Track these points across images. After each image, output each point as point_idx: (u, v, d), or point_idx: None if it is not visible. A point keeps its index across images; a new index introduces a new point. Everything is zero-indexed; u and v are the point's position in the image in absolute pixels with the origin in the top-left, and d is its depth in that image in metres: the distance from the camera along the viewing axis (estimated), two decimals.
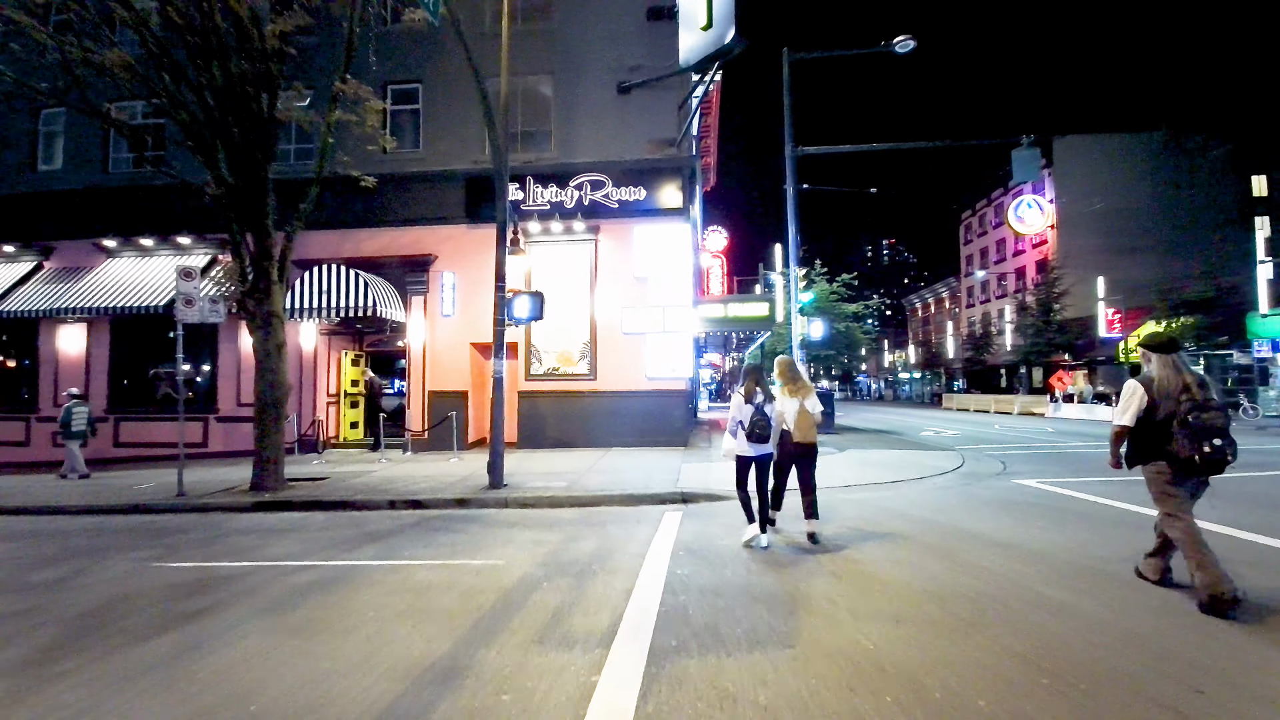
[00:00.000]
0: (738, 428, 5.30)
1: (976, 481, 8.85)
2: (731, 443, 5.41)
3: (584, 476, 9.25)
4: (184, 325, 8.90)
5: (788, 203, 13.74)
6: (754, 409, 5.18)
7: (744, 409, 5.22)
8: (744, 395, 5.25)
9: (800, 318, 13.58)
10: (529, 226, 12.65)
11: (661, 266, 12.56)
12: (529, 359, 12.85)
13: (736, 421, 5.30)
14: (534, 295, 8.86)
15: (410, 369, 13.18)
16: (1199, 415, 3.47)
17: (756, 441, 5.22)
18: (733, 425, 5.36)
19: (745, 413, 5.21)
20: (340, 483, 9.49)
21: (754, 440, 5.21)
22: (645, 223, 12.65)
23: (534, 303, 8.82)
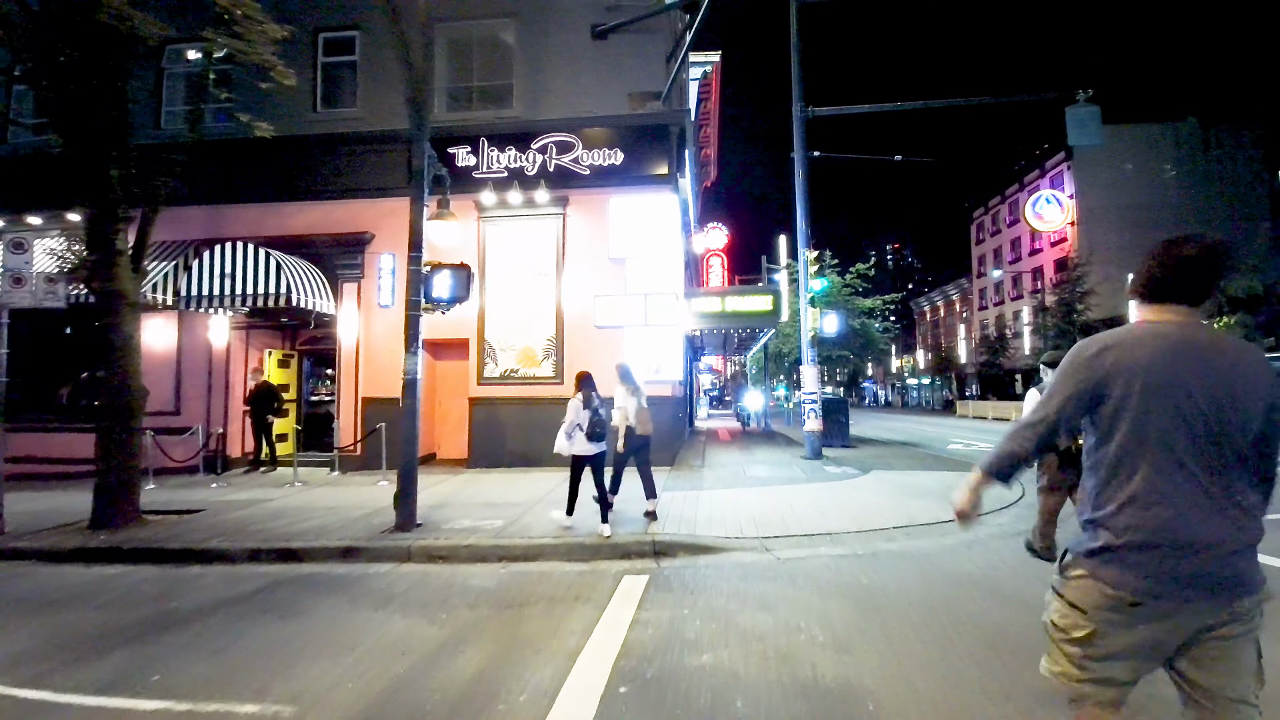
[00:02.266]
0: (575, 430, 5.89)
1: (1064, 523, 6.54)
2: (565, 444, 5.99)
3: (532, 510, 6.97)
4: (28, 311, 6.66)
5: (796, 173, 11.52)
6: (592, 412, 5.90)
7: (583, 413, 5.90)
8: (582, 401, 5.94)
9: (812, 310, 11.30)
10: (482, 198, 10.41)
11: (643, 246, 10.30)
12: (482, 358, 10.58)
13: (574, 424, 5.89)
14: (457, 270, 6.63)
15: (340, 371, 10.92)
16: None
17: (596, 440, 5.93)
18: (570, 428, 5.95)
19: (584, 416, 5.88)
20: (214, 517, 7.23)
21: (594, 440, 5.92)
22: (623, 192, 10.40)
23: (457, 280, 6.59)
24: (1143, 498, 1.54)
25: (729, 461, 11.11)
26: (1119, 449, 1.57)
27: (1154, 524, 1.52)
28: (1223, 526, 1.49)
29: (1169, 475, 1.51)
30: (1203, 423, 1.51)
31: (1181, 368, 1.54)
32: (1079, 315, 32.51)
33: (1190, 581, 1.48)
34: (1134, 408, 1.55)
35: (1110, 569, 1.54)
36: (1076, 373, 1.63)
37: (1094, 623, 1.56)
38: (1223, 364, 1.54)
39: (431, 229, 7.28)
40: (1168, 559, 1.50)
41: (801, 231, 11.48)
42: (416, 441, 6.56)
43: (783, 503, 7.21)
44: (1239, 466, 1.52)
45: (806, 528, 6.05)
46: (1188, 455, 1.51)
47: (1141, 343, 1.58)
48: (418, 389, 6.55)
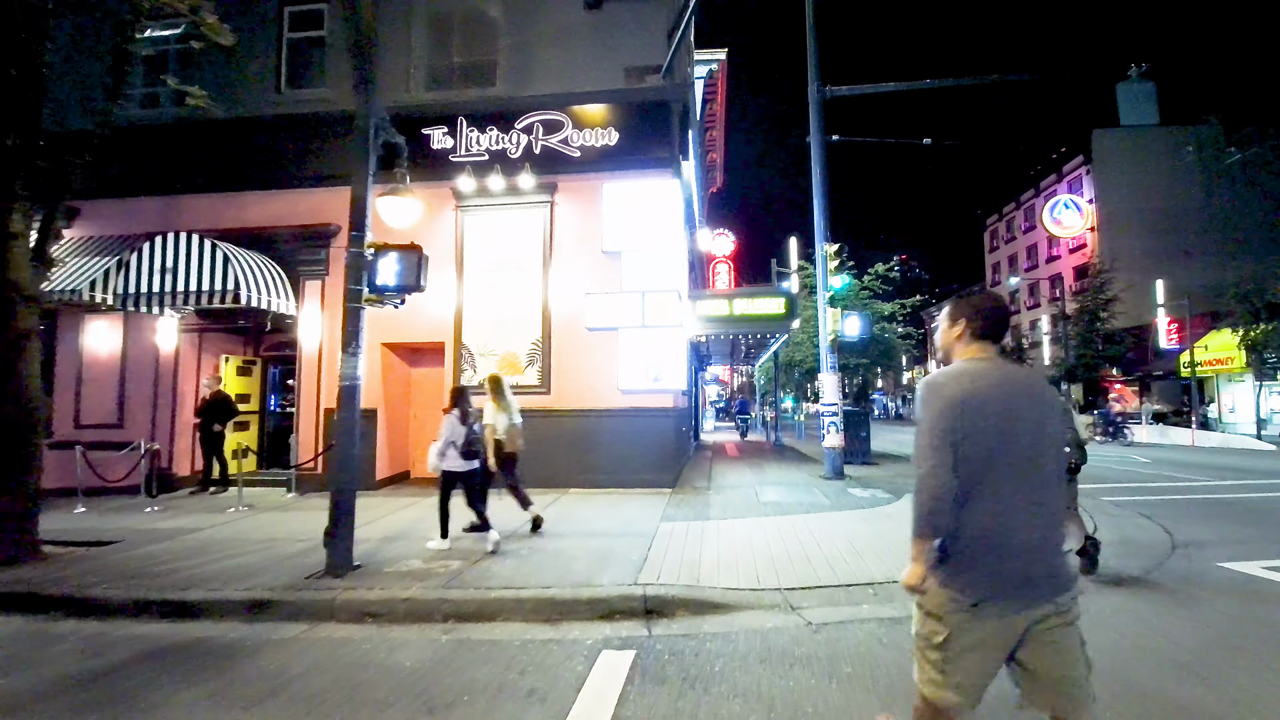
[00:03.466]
0: (448, 447, 5.64)
1: (1163, 571, 5.20)
2: (437, 461, 5.73)
3: (502, 546, 5.70)
4: None
5: (813, 158, 10.31)
6: (468, 429, 5.73)
7: (459, 430, 5.66)
8: (459, 418, 5.71)
9: (831, 311, 10.03)
10: (460, 184, 9.24)
11: (641, 238, 9.10)
12: (459, 365, 9.36)
13: (449, 442, 5.63)
14: (406, 253, 5.43)
15: (300, 378, 9.72)
16: None
17: (471, 458, 5.74)
18: (443, 445, 5.69)
19: (460, 433, 5.66)
20: (125, 552, 6.03)
21: (468, 457, 5.72)
22: (619, 178, 9.21)
23: (406, 264, 5.38)
24: (981, 511, 1.80)
25: (739, 482, 9.81)
26: (965, 469, 1.79)
27: (989, 533, 1.79)
28: (1042, 532, 1.80)
29: (1000, 490, 1.78)
30: (1025, 444, 1.81)
31: (1007, 398, 1.84)
32: (1103, 323, 31.05)
33: (1020, 582, 1.75)
34: (976, 433, 1.79)
35: (956, 576, 1.80)
36: (945, 410, 1.82)
37: (948, 626, 1.80)
38: (1033, 393, 1.87)
39: (384, 208, 6.11)
40: (1001, 563, 1.77)
41: (819, 223, 10.25)
42: (356, 464, 5.33)
43: (807, 537, 5.91)
44: (1050, 480, 1.83)
45: (841, 574, 4.76)
46: (1014, 472, 1.79)
47: (975, 378, 1.86)
48: (357, 397, 5.33)
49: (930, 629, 1.84)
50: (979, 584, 1.76)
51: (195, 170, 10.23)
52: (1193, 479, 11.11)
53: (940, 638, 1.81)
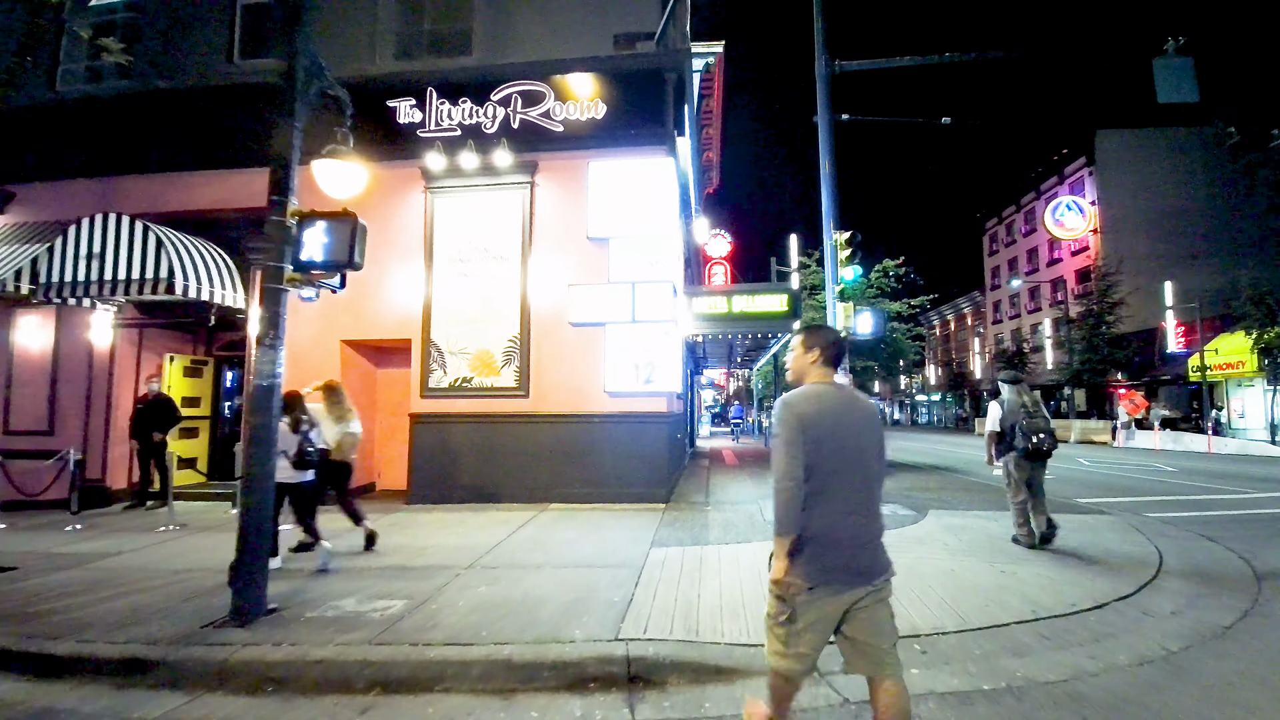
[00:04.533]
0: (280, 456, 4.74)
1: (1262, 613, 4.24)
2: None
3: (455, 583, 4.70)
4: None
5: (820, 139, 9.40)
6: (301, 437, 5.31)
7: (290, 438, 5.20)
8: (290, 425, 5.22)
9: (843, 306, 9.09)
10: (429, 162, 8.27)
11: (631, 223, 8.14)
12: (427, 365, 8.35)
13: (280, 450, 4.72)
14: (337, 222, 4.44)
15: (249, 378, 8.67)
16: (1026, 422, 5.53)
17: (302, 468, 5.30)
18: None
19: (292, 441, 5.22)
20: (13, 583, 5.05)
21: (300, 467, 5.28)
22: (606, 156, 8.26)
23: (337, 236, 4.40)
24: (821, 512, 2.15)
25: (740, 496, 8.82)
26: (812, 476, 2.15)
27: (826, 530, 2.14)
28: (867, 528, 2.21)
29: (836, 494, 2.16)
30: (855, 455, 2.21)
31: (844, 417, 2.23)
32: (1109, 328, 30.26)
33: (848, 570, 2.13)
34: (822, 444, 2.16)
35: (800, 566, 2.13)
36: (799, 425, 2.18)
37: (792, 607, 2.15)
38: (863, 413, 2.29)
39: (321, 173, 5.12)
40: (835, 556, 2.14)
41: (826, 209, 9.31)
42: (270, 482, 4.31)
43: None
44: (873, 485, 2.27)
45: None
46: (847, 479, 2.18)
47: (821, 398, 2.25)
48: (275, 400, 4.33)
49: (778, 610, 2.19)
50: (817, 573, 2.11)
51: (139, 149, 9.24)
52: (1231, 490, 10.19)
53: (785, 616, 2.16)
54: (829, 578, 2.10)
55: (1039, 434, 5.48)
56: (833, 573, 2.11)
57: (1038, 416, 5.58)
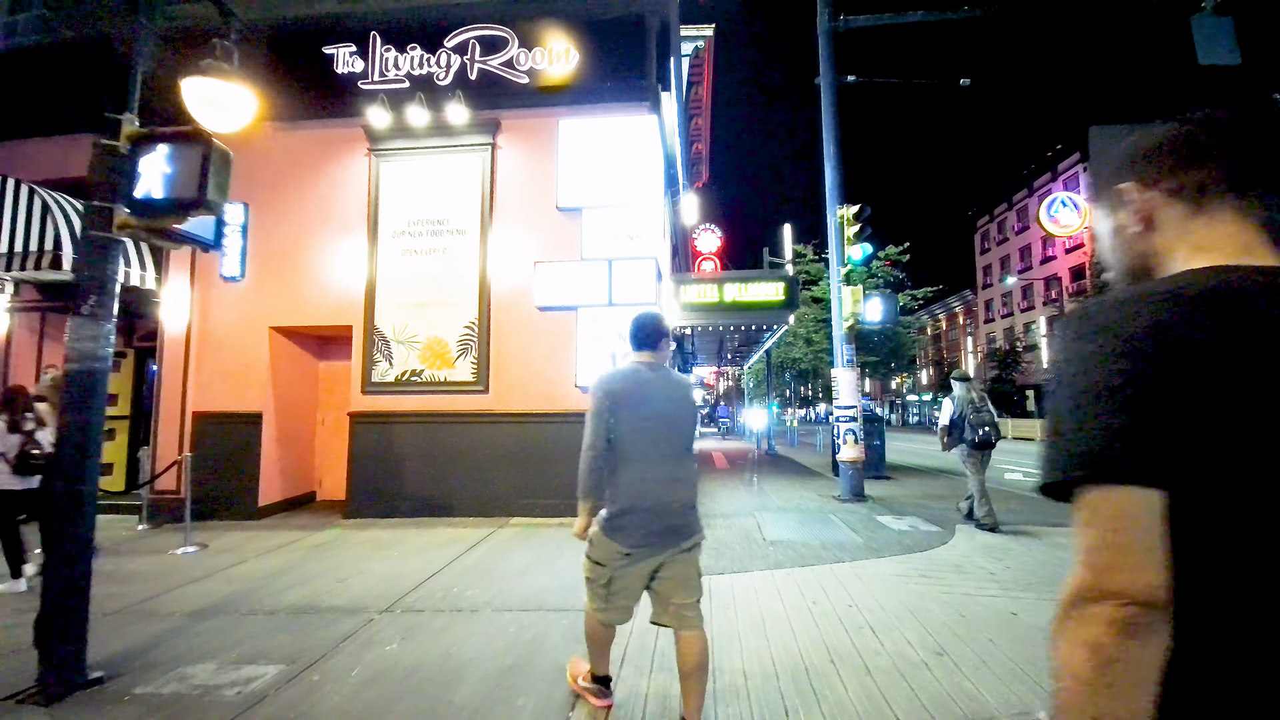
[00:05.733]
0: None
1: None
2: None
3: (361, 635, 3.54)
4: None
5: (823, 103, 8.35)
6: (23, 436, 4.64)
7: (9, 440, 4.59)
8: (7, 425, 4.61)
9: (850, 290, 8.02)
10: (372, 119, 7.09)
11: (607, 190, 7.01)
12: (369, 355, 7.17)
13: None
14: (184, 145, 3.26)
15: (162, 371, 7.45)
16: (973, 415, 6.19)
17: (27, 473, 4.60)
18: None
19: (11, 444, 4.58)
20: None
21: (23, 472, 4.58)
22: (579, 113, 7.13)
23: (183, 165, 3.22)
24: (633, 478, 2.31)
25: (734, 508, 7.71)
26: (620, 445, 2.32)
27: (639, 495, 2.29)
28: (678, 493, 2.34)
29: (645, 461, 2.31)
30: (666, 427, 2.37)
31: (653, 390, 2.38)
32: None
33: (660, 533, 2.29)
34: (631, 419, 2.32)
35: (616, 532, 2.29)
36: (601, 400, 2.34)
37: (611, 571, 2.33)
38: (671, 386, 2.43)
39: (192, 95, 3.93)
40: (647, 519, 2.28)
41: (830, 181, 8.24)
42: (89, 500, 3.12)
43: (849, 613, 3.82)
44: (683, 455, 2.41)
45: (937, 706, 2.66)
46: (656, 449, 2.33)
47: (632, 376, 2.41)
48: (100, 390, 3.15)
49: (597, 573, 2.38)
50: (631, 537, 2.29)
51: (42, 108, 7.96)
52: None
53: (605, 579, 2.36)
54: (643, 540, 2.27)
55: (984, 426, 6.18)
56: (647, 536, 2.27)
57: (983, 411, 6.26)
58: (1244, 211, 0.72)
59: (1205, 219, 0.73)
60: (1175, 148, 0.76)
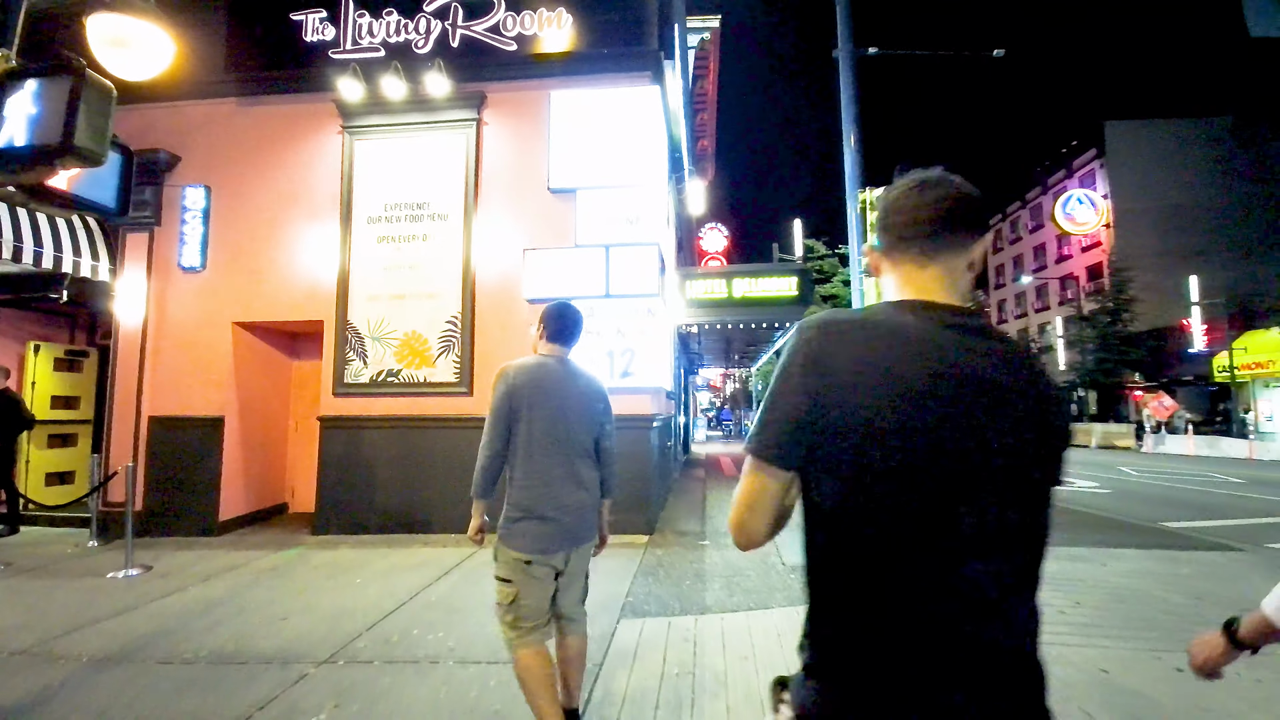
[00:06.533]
0: None
1: None
2: None
3: (279, 706, 2.80)
4: None
5: (841, 76, 7.61)
6: None
7: None
8: None
9: (873, 284, 7.25)
10: (345, 92, 6.39)
11: (605, 169, 6.29)
12: (342, 353, 6.47)
13: None
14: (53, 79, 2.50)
15: (115, 371, 6.77)
16: None
17: None
18: None
19: None
20: None
21: None
22: (573, 83, 6.42)
23: (50, 103, 2.47)
24: (534, 479, 2.18)
25: None
26: (520, 445, 2.19)
27: (538, 499, 2.17)
28: (577, 497, 2.25)
29: (546, 463, 2.19)
30: (569, 426, 2.24)
31: (555, 388, 2.25)
32: (1124, 325, 28.62)
33: (560, 538, 2.20)
34: (534, 416, 2.19)
35: (516, 539, 2.16)
36: (506, 393, 2.21)
37: (518, 584, 2.18)
38: (578, 385, 2.31)
39: (97, 33, 3.24)
40: (547, 524, 2.17)
41: (849, 162, 7.49)
42: None
43: None
44: (586, 455, 2.31)
45: None
46: (561, 448, 2.22)
47: (536, 370, 2.27)
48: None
49: (505, 593, 2.21)
50: (532, 544, 2.17)
51: None
52: None
53: (513, 597, 2.18)
54: (543, 545, 2.16)
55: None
56: (550, 541, 2.17)
57: None
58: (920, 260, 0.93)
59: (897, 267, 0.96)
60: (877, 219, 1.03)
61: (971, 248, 0.93)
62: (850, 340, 0.85)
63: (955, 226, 0.92)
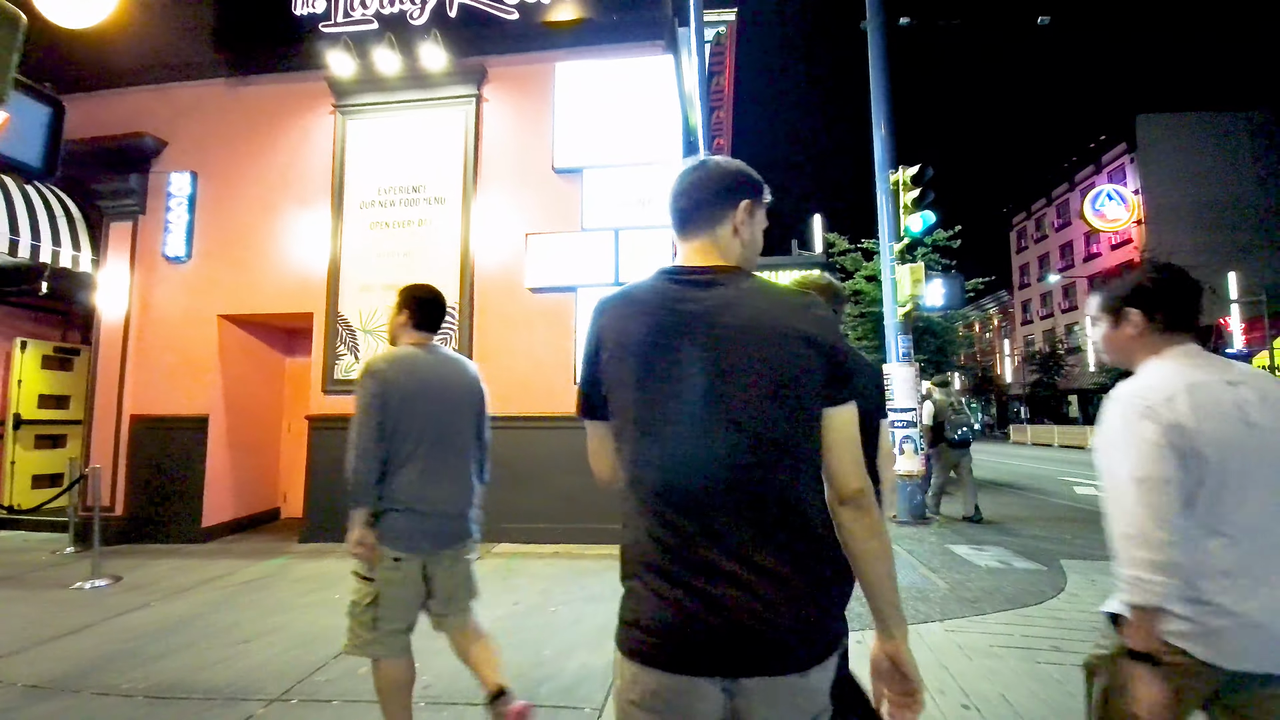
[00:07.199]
0: None
1: None
2: None
3: None
4: None
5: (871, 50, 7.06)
6: None
7: None
8: None
9: (907, 270, 6.67)
10: (336, 68, 5.99)
11: (613, 148, 5.79)
12: (329, 345, 6.04)
13: None
14: None
15: (97, 367, 6.42)
16: (953, 417, 6.94)
17: None
18: None
19: None
20: None
21: None
22: (579, 55, 5.94)
23: None
24: (408, 477, 2.05)
25: None
26: (393, 441, 2.05)
27: (414, 499, 2.04)
28: (455, 495, 2.15)
29: (422, 458, 2.07)
30: (447, 422, 2.13)
31: (432, 379, 2.13)
32: None
33: (435, 536, 2.09)
34: (406, 412, 2.06)
35: (387, 535, 2.02)
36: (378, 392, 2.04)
37: (379, 585, 2.02)
38: (453, 376, 2.19)
39: None
40: (422, 523, 2.06)
41: (880, 140, 6.91)
42: None
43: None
44: (466, 453, 2.20)
45: None
46: (438, 446, 2.10)
47: (408, 362, 2.13)
48: None
49: (365, 592, 2.04)
50: (403, 542, 2.04)
51: None
52: None
53: (373, 596, 2.03)
54: (416, 542, 2.06)
55: (963, 427, 6.93)
56: (421, 537, 2.07)
57: (962, 413, 7.09)
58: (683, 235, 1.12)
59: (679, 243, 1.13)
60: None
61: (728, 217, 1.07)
62: (615, 311, 1.06)
63: (701, 203, 1.08)
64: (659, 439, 0.97)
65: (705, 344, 0.96)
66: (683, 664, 0.91)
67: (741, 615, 0.89)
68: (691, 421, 0.95)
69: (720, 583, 0.91)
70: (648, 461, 0.98)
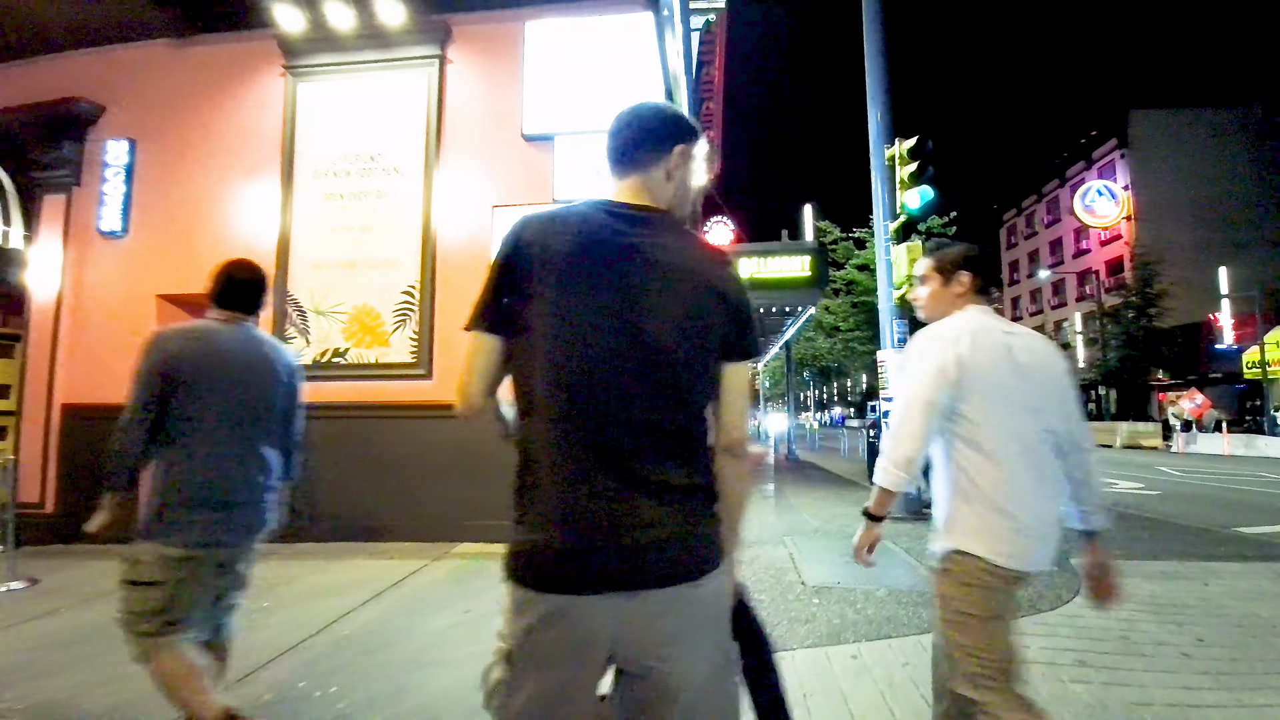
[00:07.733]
0: None
1: None
2: None
3: None
4: None
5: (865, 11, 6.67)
6: None
7: None
8: None
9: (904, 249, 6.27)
10: (287, 26, 5.49)
11: (588, 113, 5.33)
12: (281, 329, 5.55)
13: None
14: None
15: (29, 353, 5.90)
16: None
17: None
18: None
19: None
20: None
21: None
22: (551, 12, 5.49)
23: None
24: (202, 464, 1.81)
25: (758, 531, 5.95)
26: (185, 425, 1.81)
27: (210, 485, 1.81)
28: (256, 480, 1.92)
29: (219, 443, 1.84)
30: (243, 401, 1.89)
31: (231, 357, 1.88)
32: (1150, 320, 27.35)
33: (229, 527, 1.85)
34: (195, 390, 1.81)
35: (176, 532, 1.77)
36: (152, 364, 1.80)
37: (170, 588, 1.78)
38: (259, 354, 1.96)
39: None
40: (221, 512, 1.82)
41: (874, 112, 6.50)
42: None
43: None
44: (268, 436, 1.97)
45: None
46: (233, 427, 1.87)
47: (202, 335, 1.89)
48: None
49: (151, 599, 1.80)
50: (200, 536, 1.79)
51: None
52: None
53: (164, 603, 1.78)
54: (214, 536, 1.82)
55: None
56: (220, 531, 1.84)
57: None
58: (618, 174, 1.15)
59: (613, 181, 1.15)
60: None
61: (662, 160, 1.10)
62: (539, 228, 1.04)
63: (637, 143, 1.11)
64: (570, 357, 0.97)
65: (627, 273, 0.99)
66: (581, 584, 0.92)
67: (641, 531, 0.93)
68: (604, 343, 0.97)
69: (623, 498, 0.94)
70: (555, 380, 0.97)
